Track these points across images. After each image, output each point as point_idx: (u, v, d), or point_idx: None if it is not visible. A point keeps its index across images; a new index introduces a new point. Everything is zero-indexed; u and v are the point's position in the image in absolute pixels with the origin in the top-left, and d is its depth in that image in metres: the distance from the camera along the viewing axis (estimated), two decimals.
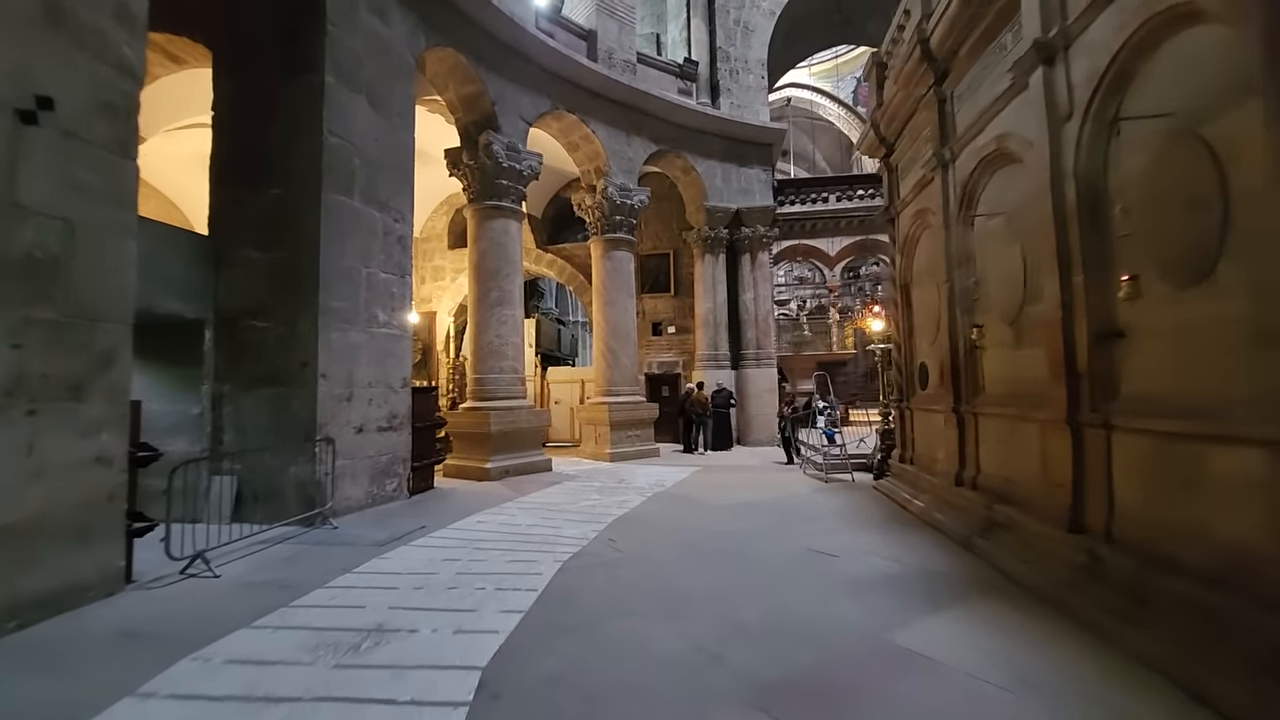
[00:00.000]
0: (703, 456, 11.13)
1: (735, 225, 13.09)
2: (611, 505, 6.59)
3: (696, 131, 12.53)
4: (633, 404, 11.09)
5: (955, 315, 5.25)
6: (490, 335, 8.98)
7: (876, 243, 15.96)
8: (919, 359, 6.52)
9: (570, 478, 8.71)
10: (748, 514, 6.07)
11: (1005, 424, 4.49)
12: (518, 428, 8.88)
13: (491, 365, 8.97)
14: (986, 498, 4.58)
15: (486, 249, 9.12)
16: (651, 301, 14.01)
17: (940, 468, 5.61)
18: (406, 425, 7.12)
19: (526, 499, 7.07)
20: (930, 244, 6.03)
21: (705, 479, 8.48)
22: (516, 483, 8.23)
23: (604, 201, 10.97)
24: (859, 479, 7.86)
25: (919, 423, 6.40)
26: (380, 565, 4.32)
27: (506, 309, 9.09)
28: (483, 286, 9.09)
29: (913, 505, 5.81)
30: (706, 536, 5.15)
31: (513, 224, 9.34)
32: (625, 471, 9.33)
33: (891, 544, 4.69)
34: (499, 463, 8.56)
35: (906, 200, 6.54)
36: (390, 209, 7.05)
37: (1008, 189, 4.48)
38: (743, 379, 12.86)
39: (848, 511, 6.02)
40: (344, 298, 6.29)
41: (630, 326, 11.37)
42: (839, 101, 28.61)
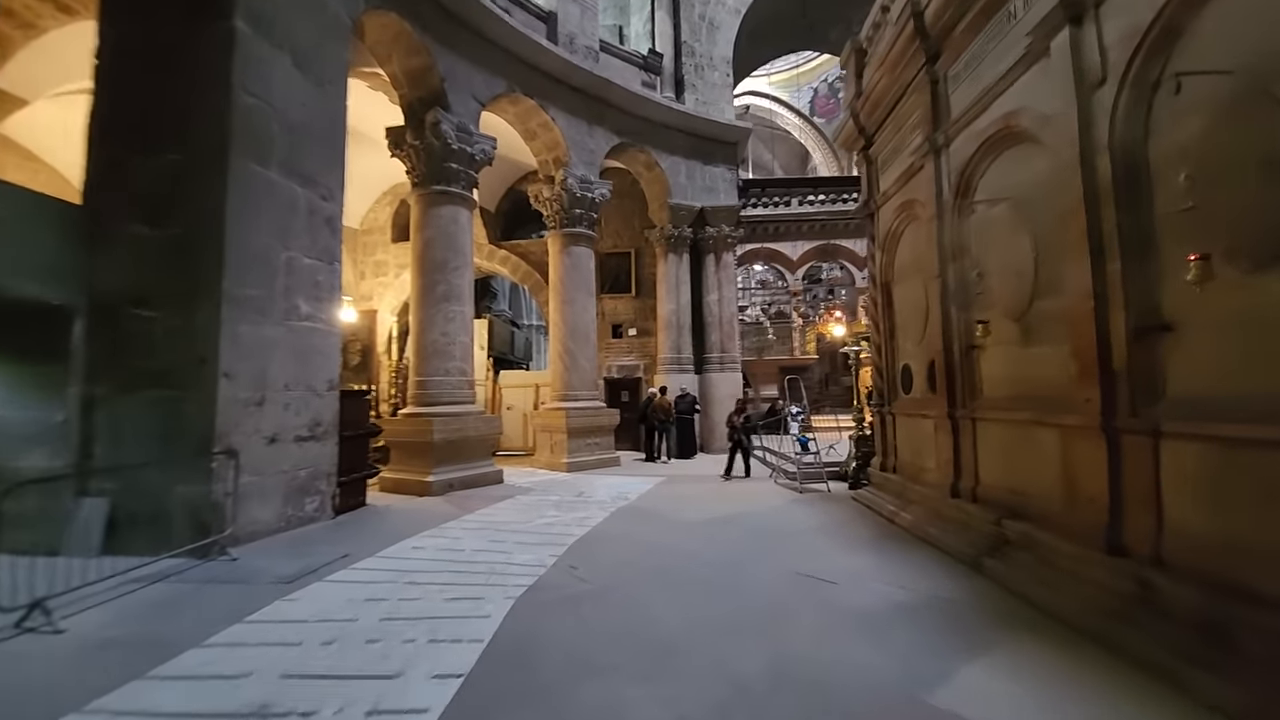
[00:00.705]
0: (666, 465, 10.52)
1: (699, 224, 12.63)
2: (571, 523, 5.86)
3: (661, 126, 12.01)
4: (592, 410, 10.38)
5: (949, 312, 4.84)
6: (435, 333, 8.09)
7: (838, 247, 15.95)
8: (902, 361, 6.12)
9: (524, 491, 7.90)
10: (724, 531, 5.48)
11: (1012, 430, 4.08)
12: (465, 436, 8.01)
13: (436, 366, 8.07)
14: (991, 511, 4.14)
15: (432, 238, 8.24)
16: (611, 302, 13.35)
17: (931, 477, 5.18)
18: (333, 434, 6.18)
19: (473, 517, 6.24)
20: (916, 238, 5.65)
21: (671, 490, 7.86)
22: (463, 498, 7.36)
23: (563, 193, 10.26)
24: (834, 488, 7.43)
25: (903, 429, 6.00)
26: (283, 611, 3.45)
27: (454, 305, 8.23)
28: (427, 280, 8.19)
29: (901, 518, 5.37)
30: (682, 560, 4.51)
31: (462, 212, 8.50)
32: (584, 483, 8.59)
33: (890, 566, 4.18)
34: (443, 475, 7.67)
35: (888, 194, 6.16)
36: (317, 184, 6.13)
37: (1015, 172, 4.09)
38: (706, 383, 12.37)
39: (831, 527, 5.52)
40: (256, 284, 5.34)
41: (590, 327, 10.67)
42: (797, 111, 28.95)
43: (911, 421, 5.75)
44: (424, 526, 5.73)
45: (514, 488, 8.17)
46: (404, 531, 5.52)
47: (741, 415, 8.88)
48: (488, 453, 8.62)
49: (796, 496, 7.14)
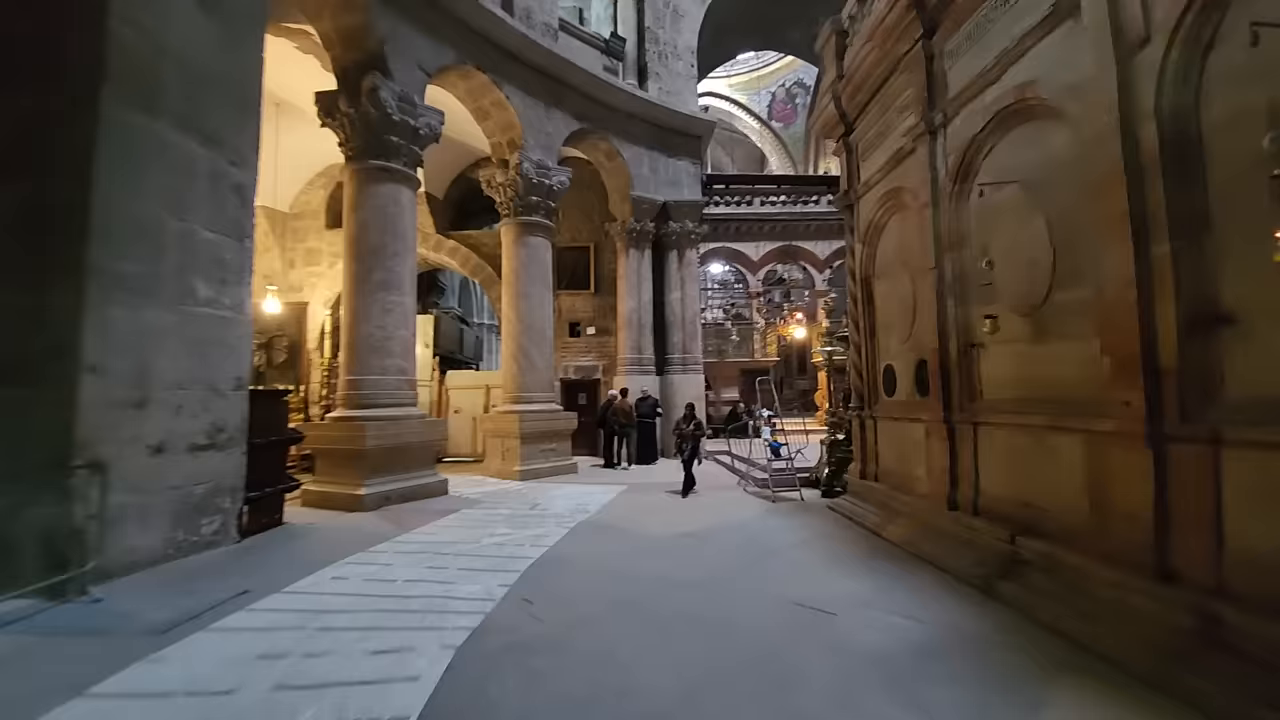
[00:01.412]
0: (627, 472, 9.89)
1: (662, 219, 12.11)
2: (525, 542, 5.14)
3: (623, 114, 11.42)
4: (548, 413, 9.64)
5: (945, 308, 4.45)
6: (370, 326, 7.18)
7: (798, 249, 15.79)
8: (884, 361, 5.74)
9: (471, 503, 7.09)
10: (699, 549, 4.90)
11: (1022, 436, 3.68)
12: (404, 442, 7.13)
13: (371, 364, 7.16)
14: (1000, 527, 3.74)
15: (369, 220, 7.33)
16: (569, 299, 12.63)
17: (922, 487, 4.78)
18: (240, 441, 5.23)
19: (411, 536, 5.43)
20: (904, 228, 5.27)
21: (635, 501, 7.23)
22: (400, 513, 6.49)
23: (518, 179, 9.49)
24: (808, 497, 7.00)
25: (886, 434, 5.60)
26: (142, 678, 2.62)
27: (393, 295, 7.34)
28: (362, 266, 7.27)
29: (888, 531, 4.94)
30: (656, 587, 3.89)
31: (404, 192, 7.62)
32: (539, 493, 7.85)
33: (890, 590, 3.70)
34: (377, 487, 6.77)
35: (871, 182, 5.78)
36: (224, 146, 5.19)
37: (1027, 151, 3.71)
38: (668, 385, 11.83)
39: (814, 542, 5.04)
40: (138, 259, 4.39)
41: (546, 324, 9.93)
42: (755, 115, 28.99)
43: (897, 426, 5.36)
44: (350, 550, 4.88)
45: (460, 500, 7.35)
46: (324, 557, 4.66)
47: (691, 423, 7.71)
48: (430, 461, 7.74)
49: (769, 506, 6.66)
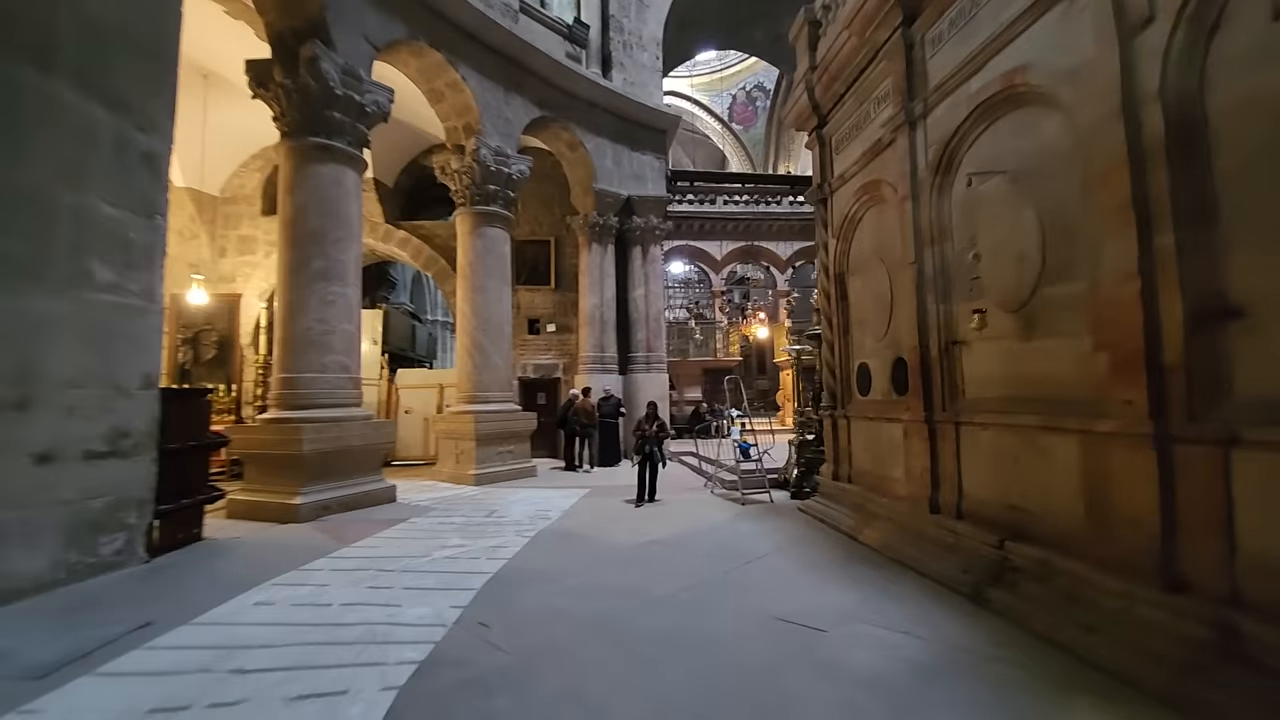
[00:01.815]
0: (588, 475, 9.51)
1: (626, 214, 11.78)
2: (480, 554, 4.71)
3: (586, 103, 11.02)
4: (506, 413, 9.15)
5: (925, 304, 4.30)
6: (309, 319, 6.54)
7: (760, 249, 15.77)
8: (858, 359, 5.60)
9: (421, 511, 6.57)
10: (670, 558, 4.59)
11: (1009, 436, 3.54)
12: (346, 445, 6.53)
13: (310, 360, 6.52)
14: (985, 531, 3.59)
15: (307, 203, 6.68)
16: (528, 294, 12.13)
17: (900, 489, 4.63)
18: (149, 447, 4.59)
19: (352, 550, 4.90)
20: (881, 222, 5.13)
21: (598, 506, 6.87)
22: (342, 524, 5.92)
23: (475, 165, 8.97)
24: (777, 498, 6.82)
25: (860, 434, 5.45)
26: None
27: (335, 285, 6.72)
28: (299, 253, 6.62)
29: (865, 535, 4.77)
30: (627, 604, 3.56)
31: (348, 174, 7.01)
32: (496, 498, 7.38)
33: (876, 600, 3.49)
34: (315, 496, 6.16)
35: (846, 175, 5.62)
36: (132, 110, 4.53)
37: (1015, 141, 3.57)
38: (632, 385, 11.51)
39: (789, 547, 4.81)
40: (19, 235, 3.74)
41: (505, 319, 9.43)
42: (717, 116, 29.09)
43: (872, 426, 5.21)
44: (279, 568, 4.33)
45: (410, 507, 6.80)
46: (248, 578, 4.10)
47: (654, 423, 7.10)
48: (376, 465, 7.15)
49: (739, 509, 6.43)
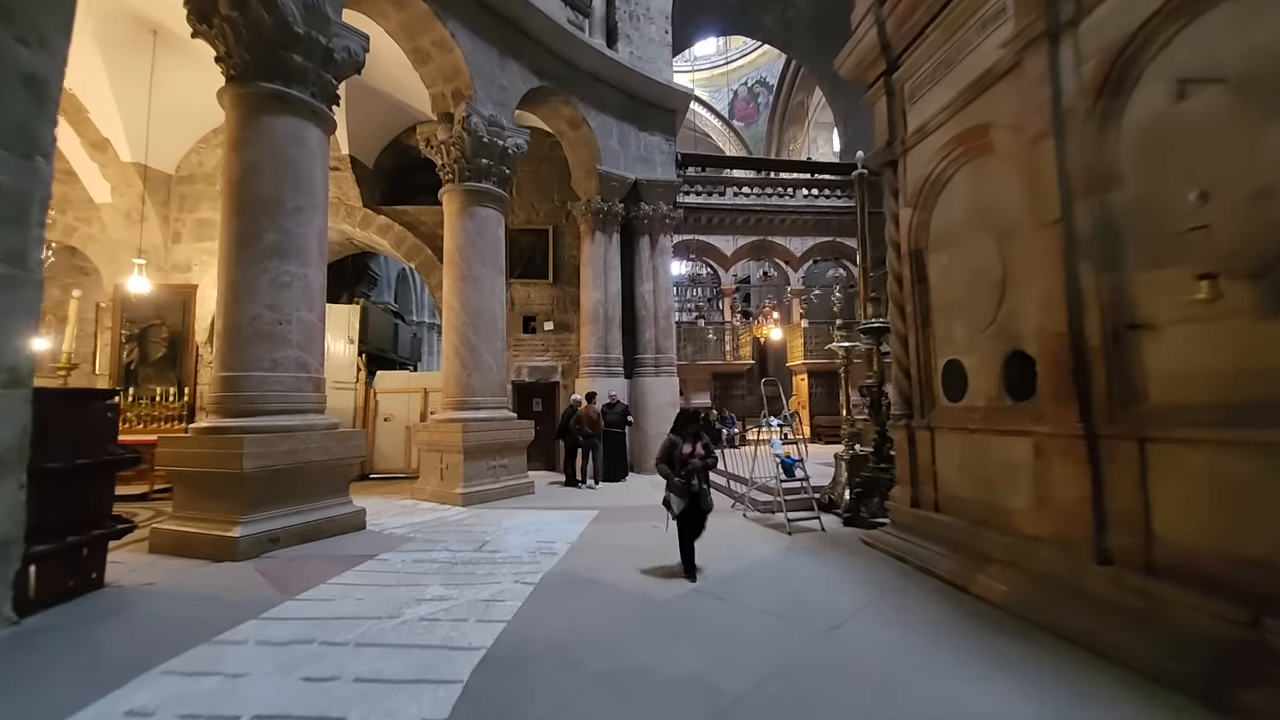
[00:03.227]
0: (594, 492, 8.29)
1: (632, 201, 10.64)
2: (469, 613, 3.49)
3: (589, 76, 9.90)
4: (499, 421, 7.92)
5: (1077, 275, 3.18)
6: (257, 305, 5.30)
7: (772, 244, 14.71)
8: (944, 356, 4.48)
9: (396, 542, 5.32)
10: (726, 621, 3.39)
11: (1245, 460, 2.42)
12: (301, 461, 5.27)
13: (257, 356, 5.27)
14: (1207, 598, 2.46)
15: (258, 162, 5.46)
16: (523, 289, 10.93)
17: (1030, 525, 3.49)
18: (15, 468, 3.31)
19: (294, 608, 3.65)
20: (985, 179, 4.03)
21: (614, 534, 5.67)
22: (290, 563, 4.66)
23: (465, 136, 7.78)
24: (827, 524, 5.66)
25: (952, 449, 4.32)
26: None
27: (291, 264, 5.48)
28: (246, 223, 5.38)
29: (979, 585, 3.62)
30: (690, 714, 2.37)
31: (312, 131, 5.79)
32: (487, 524, 6.15)
33: (1072, 710, 2.33)
34: (259, 525, 4.90)
35: (926, 128, 4.52)
36: (12, 19, 3.29)
37: (1243, 34, 2.47)
38: (639, 389, 10.33)
39: (880, 602, 3.64)
40: None
41: (498, 313, 8.22)
42: (717, 113, 28.16)
43: (972, 441, 4.07)
44: (187, 640, 3.08)
45: (381, 537, 5.55)
46: (136, 660, 2.85)
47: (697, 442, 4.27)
48: (342, 485, 5.89)
49: (786, 540, 5.26)
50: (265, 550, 4.90)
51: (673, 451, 4.18)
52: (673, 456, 4.17)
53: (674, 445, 4.21)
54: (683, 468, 4.10)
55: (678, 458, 4.15)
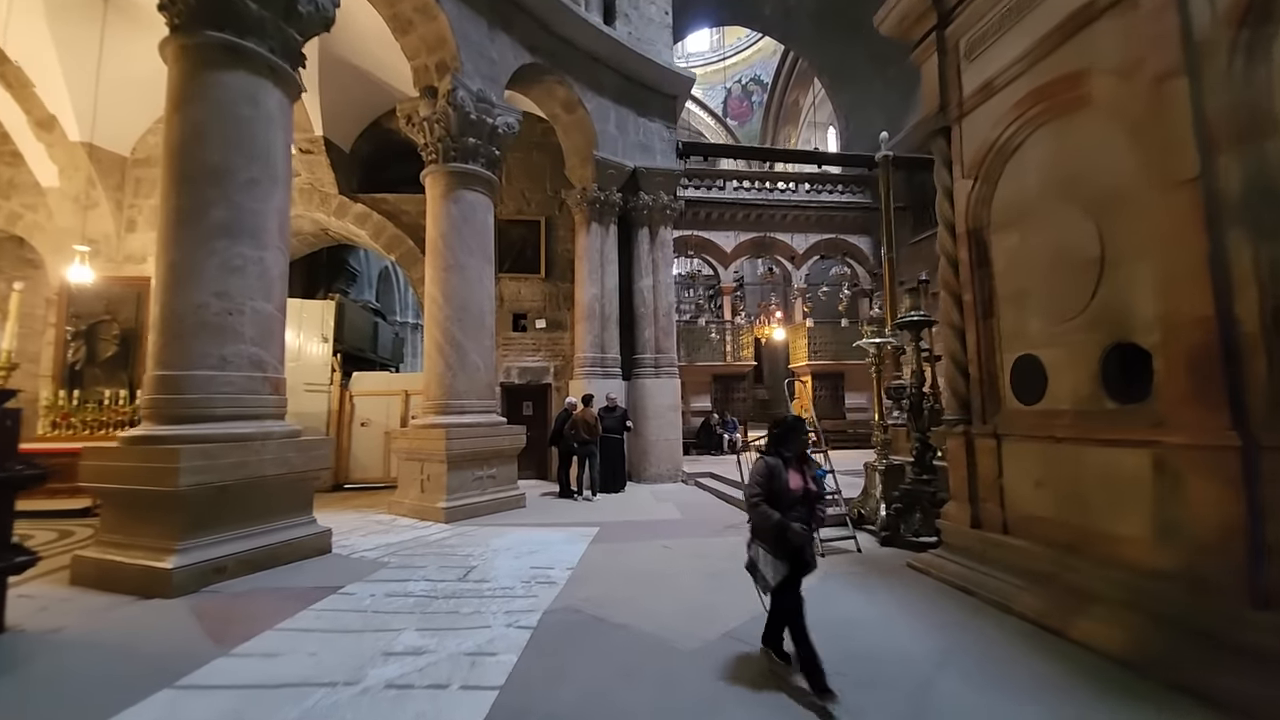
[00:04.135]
0: (592, 505, 7.54)
1: (630, 190, 9.95)
2: (449, 676, 2.73)
3: (586, 55, 9.20)
4: (486, 427, 7.14)
5: (1223, 247, 2.53)
6: (202, 293, 4.50)
7: (774, 241, 14.12)
8: (1014, 351, 3.83)
9: (365, 570, 4.53)
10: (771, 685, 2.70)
11: None
12: (254, 476, 4.47)
13: (202, 352, 4.47)
14: None
15: (206, 124, 4.67)
16: (513, 284, 10.17)
17: (1147, 556, 2.83)
18: None
19: (228, 666, 2.87)
20: (1074, 140, 3.39)
21: (620, 559, 4.92)
22: (235, 600, 3.87)
23: (450, 111, 7.04)
24: (862, 543, 4.99)
25: (1026, 461, 3.66)
26: None
27: (244, 245, 4.69)
28: (190, 196, 4.59)
29: (1081, 628, 2.95)
30: None
31: (271, 93, 5.01)
32: (473, 545, 5.38)
33: None
34: (200, 553, 4.10)
35: (994, 84, 3.88)
36: None
37: None
38: (637, 392, 9.61)
39: (958, 653, 2.95)
40: None
41: (486, 306, 7.46)
42: (711, 112, 27.64)
43: (1059, 451, 3.41)
44: (94, 710, 2.30)
45: (349, 563, 4.76)
46: None
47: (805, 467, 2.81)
48: (303, 502, 5.07)
49: (820, 563, 4.57)
50: (208, 583, 4.10)
51: (773, 482, 2.65)
52: (774, 490, 2.65)
53: (773, 474, 2.67)
54: (790, 510, 2.61)
55: (782, 492, 2.64)
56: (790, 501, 2.62)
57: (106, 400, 8.48)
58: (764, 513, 2.62)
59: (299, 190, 9.65)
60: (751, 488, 2.71)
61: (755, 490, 2.67)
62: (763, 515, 2.62)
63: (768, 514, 2.61)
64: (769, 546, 2.63)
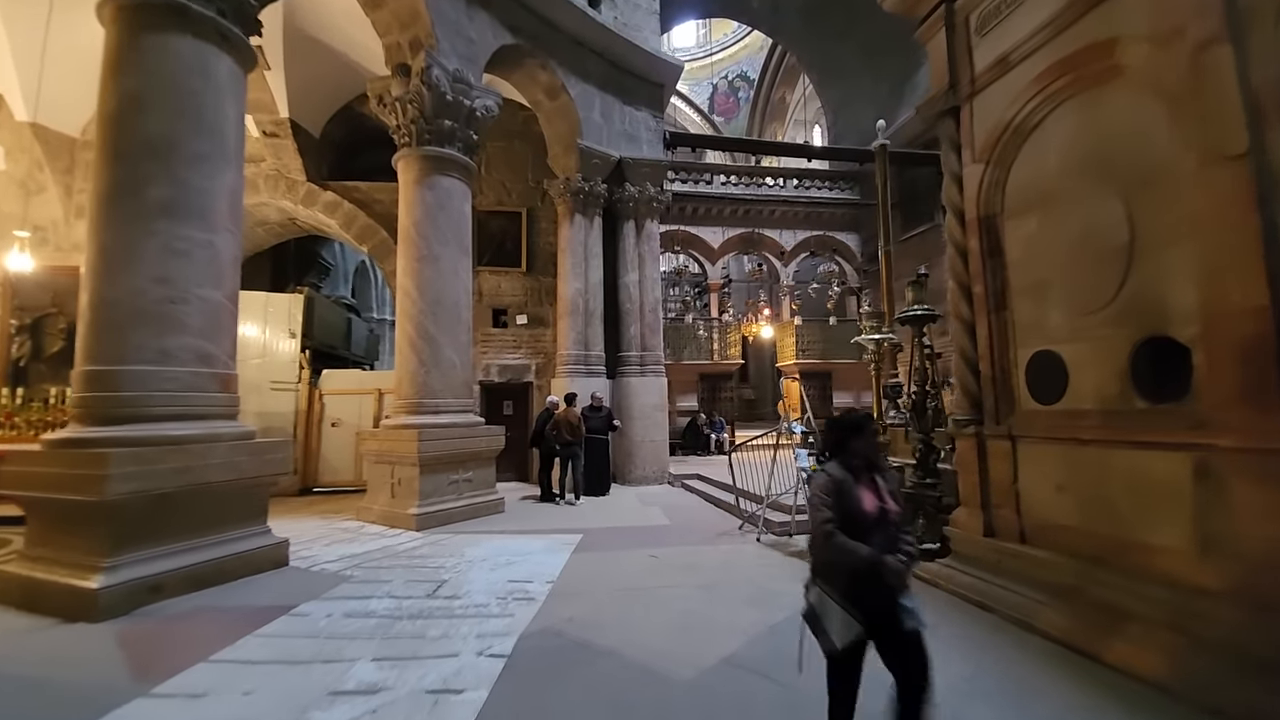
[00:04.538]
0: (575, 510, 7.17)
1: (616, 181, 9.59)
2: (407, 716, 2.37)
3: (569, 39, 8.82)
4: (463, 428, 6.73)
5: (1277, 227, 2.27)
6: (139, 278, 4.04)
7: (762, 237, 13.87)
8: (1030, 346, 3.56)
9: (324, 585, 4.12)
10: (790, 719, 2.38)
11: None
12: (199, 482, 4.03)
13: (138, 344, 4.01)
14: None
15: (146, 92, 4.21)
16: (493, 278, 9.74)
17: (1201, 575, 2.56)
18: None
19: (147, 709, 2.46)
20: (1108, 114, 3.12)
21: (606, 570, 4.57)
22: (172, 622, 3.44)
23: (424, 91, 6.61)
24: None
25: (1045, 464, 3.40)
26: None
27: (190, 227, 4.24)
28: (127, 171, 4.13)
29: (1116, 651, 2.68)
30: None
31: (221, 60, 4.55)
32: (446, 555, 4.98)
33: None
34: (134, 570, 3.66)
35: (1010, 59, 3.61)
36: None
37: None
38: (622, 391, 9.26)
39: (985, 676, 2.67)
40: None
41: (462, 300, 7.04)
42: (697, 108, 27.35)
43: (1083, 454, 3.15)
44: None
45: (306, 577, 4.34)
46: None
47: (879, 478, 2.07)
48: (256, 510, 4.62)
49: None
50: (141, 603, 3.66)
51: (844, 500, 1.97)
52: (847, 510, 1.96)
53: (842, 490, 1.98)
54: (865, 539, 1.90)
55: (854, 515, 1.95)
56: (864, 527, 1.92)
57: (53, 399, 7.86)
58: (843, 545, 1.88)
59: (264, 176, 9.13)
60: (818, 510, 1.99)
61: (825, 515, 1.95)
62: (842, 549, 1.88)
63: (851, 547, 1.87)
64: (841, 592, 1.89)
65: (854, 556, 1.87)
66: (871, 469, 2.06)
